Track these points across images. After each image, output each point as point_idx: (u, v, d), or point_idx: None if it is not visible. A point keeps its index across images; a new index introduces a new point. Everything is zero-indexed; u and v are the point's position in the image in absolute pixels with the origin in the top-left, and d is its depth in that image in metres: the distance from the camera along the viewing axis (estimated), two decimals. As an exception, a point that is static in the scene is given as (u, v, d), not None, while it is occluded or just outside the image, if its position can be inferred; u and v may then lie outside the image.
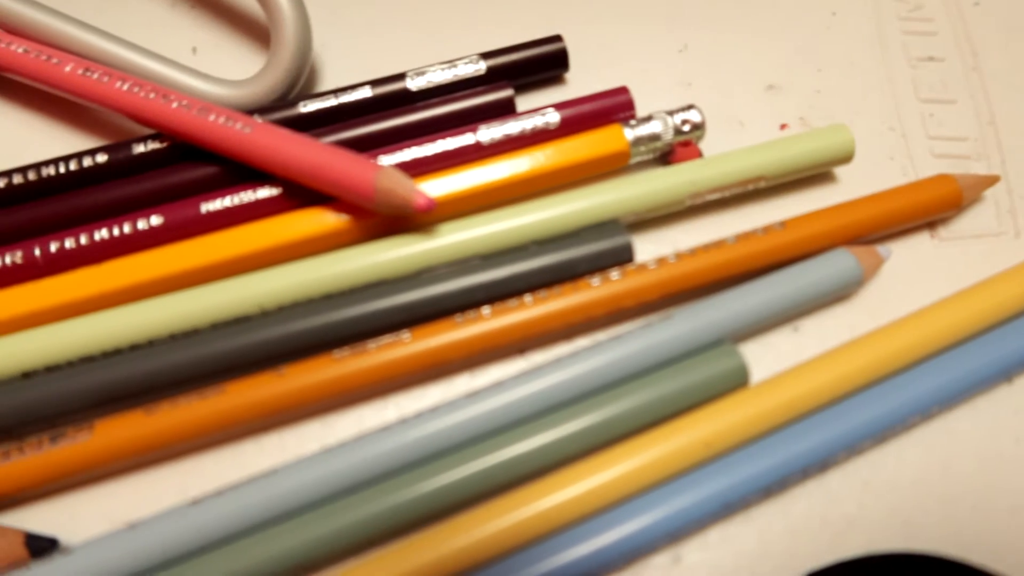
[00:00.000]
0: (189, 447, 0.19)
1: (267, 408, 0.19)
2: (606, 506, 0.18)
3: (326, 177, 0.20)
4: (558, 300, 0.20)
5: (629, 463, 0.18)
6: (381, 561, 0.17)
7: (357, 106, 0.23)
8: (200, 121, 0.20)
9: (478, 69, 0.23)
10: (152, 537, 0.17)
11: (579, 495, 0.18)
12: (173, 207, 0.21)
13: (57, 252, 0.20)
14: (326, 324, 0.20)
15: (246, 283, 0.20)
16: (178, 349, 0.19)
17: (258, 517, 0.18)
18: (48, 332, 0.19)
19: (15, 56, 0.22)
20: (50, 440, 0.18)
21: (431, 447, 0.18)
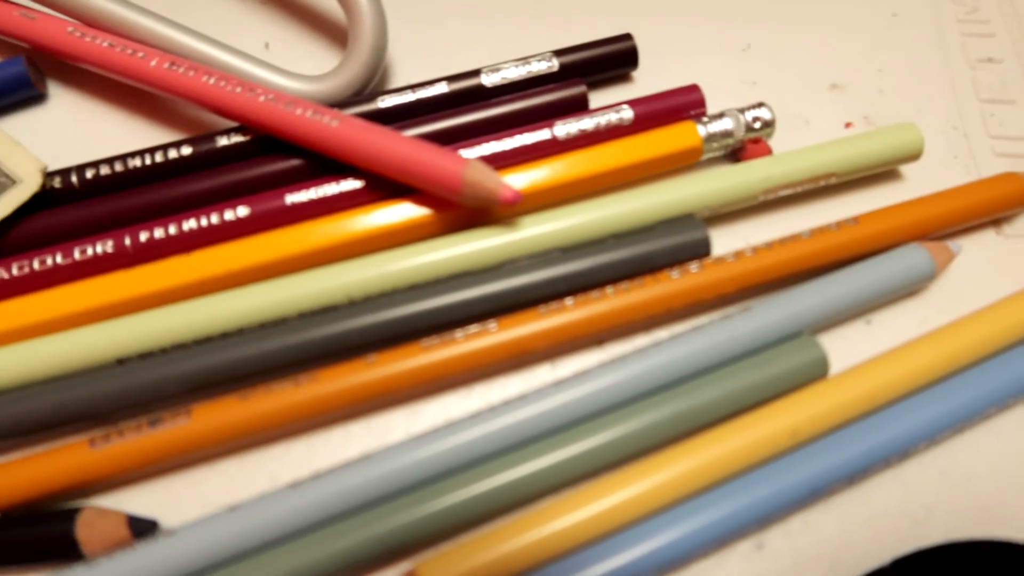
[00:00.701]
0: (281, 433, 0.20)
1: (357, 395, 0.19)
2: (693, 493, 0.18)
3: (413, 170, 0.20)
4: (639, 292, 0.20)
5: (716, 451, 0.18)
6: (475, 544, 0.17)
7: (433, 101, 0.23)
8: (287, 114, 0.21)
9: (551, 66, 0.24)
10: (252, 519, 0.18)
11: (667, 482, 0.18)
12: (258, 198, 0.21)
13: (147, 242, 0.21)
14: (413, 313, 0.20)
15: (334, 273, 0.20)
16: (268, 337, 0.20)
17: (353, 501, 0.18)
18: (141, 320, 0.20)
19: (100, 50, 0.22)
20: (149, 424, 0.19)
21: (517, 435, 0.19)
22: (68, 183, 0.22)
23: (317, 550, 0.17)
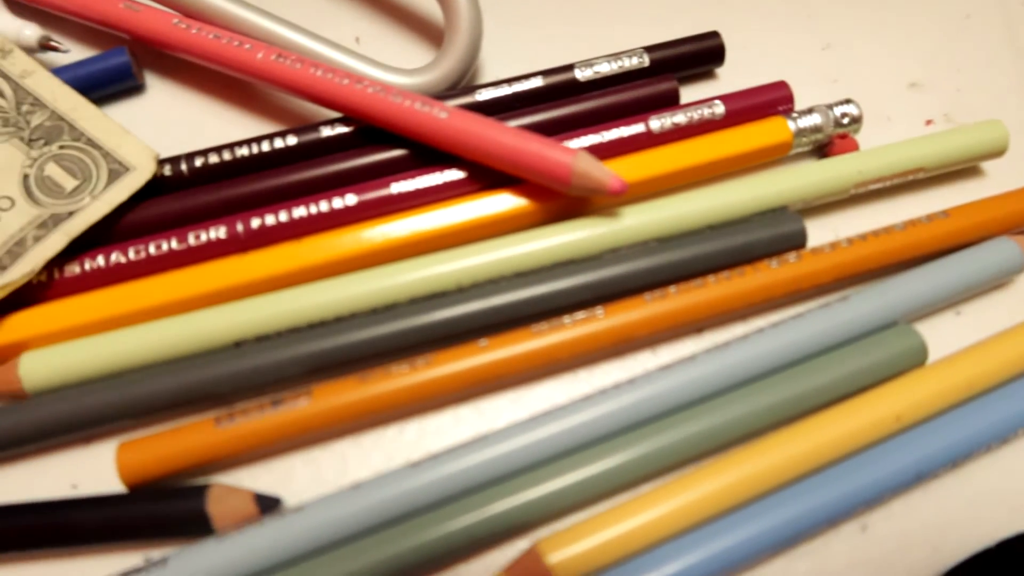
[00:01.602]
0: (396, 414, 0.20)
1: (471, 377, 0.20)
2: (803, 475, 0.19)
3: (523, 161, 0.21)
4: (740, 281, 0.21)
5: (824, 435, 0.19)
6: (592, 523, 0.18)
7: (528, 95, 0.24)
8: (395, 106, 0.21)
9: (641, 62, 0.24)
10: (374, 496, 0.18)
11: (778, 464, 0.19)
12: (365, 187, 0.22)
13: (258, 228, 0.21)
14: (522, 300, 0.20)
15: (443, 260, 0.21)
16: (381, 322, 0.20)
17: (472, 480, 0.19)
18: (256, 304, 0.20)
19: (207, 42, 0.23)
20: (272, 404, 0.19)
21: (624, 419, 0.19)
22: (178, 171, 0.22)
23: (439, 528, 0.18)
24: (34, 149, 0.22)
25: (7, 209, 0.21)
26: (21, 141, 0.22)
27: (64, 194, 0.21)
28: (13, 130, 0.22)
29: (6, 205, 0.21)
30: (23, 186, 0.21)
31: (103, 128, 0.22)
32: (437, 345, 0.20)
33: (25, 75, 0.23)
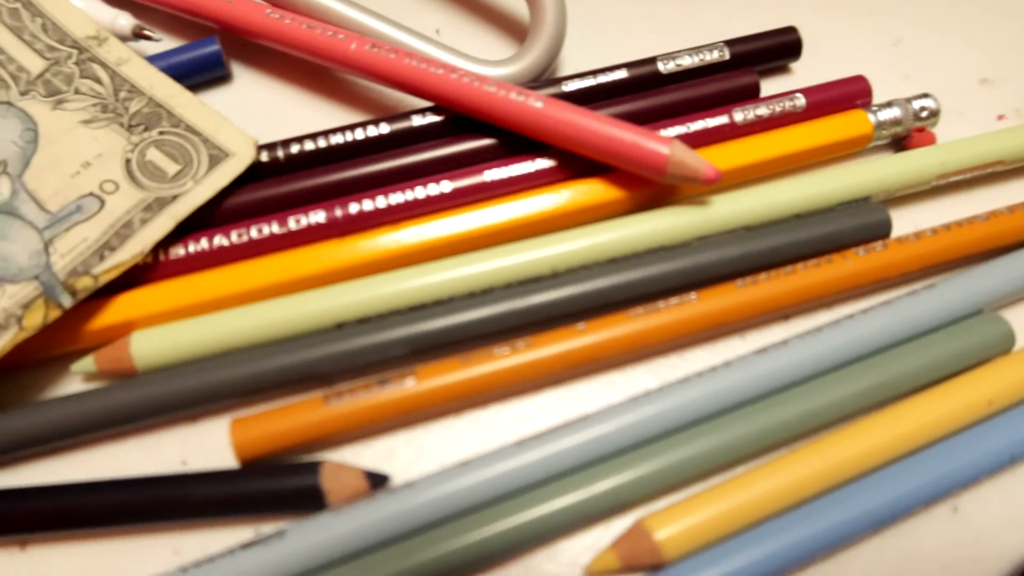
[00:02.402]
0: (497, 395, 0.20)
1: (570, 360, 0.20)
2: (894, 458, 0.19)
3: (619, 150, 0.21)
4: (829, 269, 0.21)
5: (918, 418, 0.19)
6: (697, 499, 0.18)
7: (612, 86, 0.24)
8: (490, 95, 0.22)
9: (722, 55, 0.25)
10: (483, 473, 0.19)
11: (870, 448, 0.19)
12: (459, 174, 0.22)
13: (357, 214, 0.22)
14: (616, 285, 0.21)
15: (538, 246, 0.21)
16: (479, 305, 0.21)
17: (577, 458, 0.19)
18: (357, 287, 0.21)
19: (300, 32, 0.23)
20: (378, 384, 0.20)
21: (719, 403, 0.20)
22: (274, 157, 0.23)
23: (546, 505, 0.18)
24: (134, 135, 0.22)
25: (112, 192, 0.21)
26: (121, 127, 0.22)
27: (167, 178, 0.22)
28: (112, 116, 0.23)
29: (111, 188, 0.21)
30: (126, 170, 0.22)
31: (200, 115, 0.23)
32: (533, 329, 0.21)
33: (121, 63, 0.23)
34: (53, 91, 0.23)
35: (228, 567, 0.18)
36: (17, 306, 0.19)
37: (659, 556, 0.18)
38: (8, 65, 0.23)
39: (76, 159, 0.22)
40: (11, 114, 0.22)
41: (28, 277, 0.20)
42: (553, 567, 0.19)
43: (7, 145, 0.22)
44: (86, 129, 0.22)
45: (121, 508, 0.18)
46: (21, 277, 0.20)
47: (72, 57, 0.23)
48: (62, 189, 0.21)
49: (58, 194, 0.21)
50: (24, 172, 0.22)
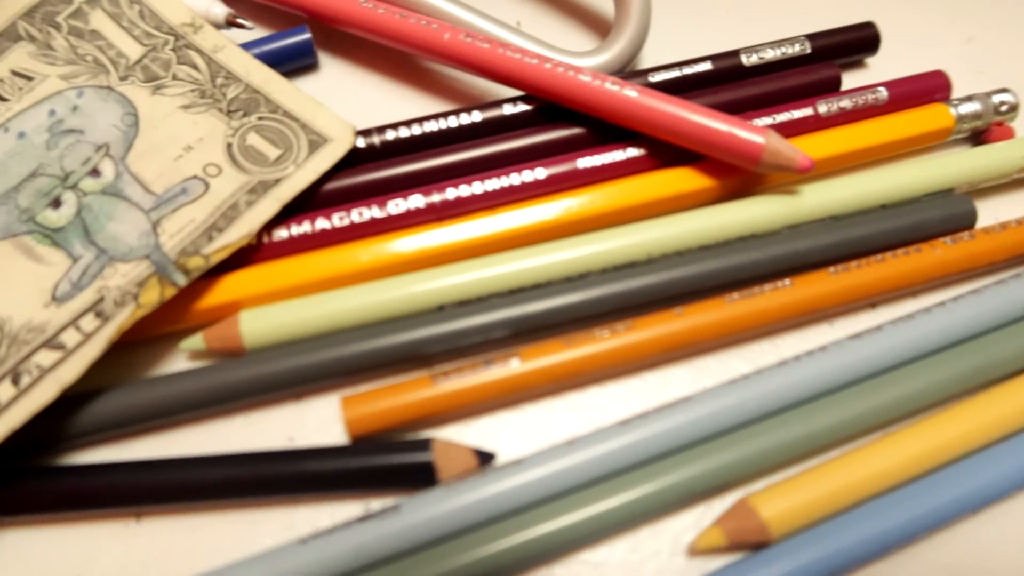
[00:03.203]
0: (598, 376, 0.21)
1: (668, 343, 0.21)
2: (990, 442, 0.20)
3: (713, 139, 0.21)
4: (918, 258, 0.22)
5: (1011, 403, 0.20)
6: (802, 478, 0.19)
7: (696, 78, 0.25)
8: (584, 85, 0.22)
9: (803, 49, 0.25)
10: (590, 452, 0.19)
11: (967, 433, 0.19)
12: (552, 162, 0.23)
13: (454, 199, 0.22)
14: (710, 271, 0.21)
15: (635, 232, 0.22)
16: (575, 289, 0.21)
17: (681, 439, 0.19)
18: (457, 269, 0.21)
19: (395, 22, 0.24)
20: (484, 364, 0.20)
21: (818, 386, 0.20)
22: (370, 143, 0.23)
23: (654, 482, 0.19)
24: (233, 120, 0.23)
25: (215, 176, 0.22)
26: (220, 112, 0.23)
27: (268, 162, 0.22)
28: (211, 101, 0.23)
29: (214, 172, 0.22)
30: (228, 154, 0.22)
31: (297, 101, 0.23)
32: (628, 313, 0.21)
33: (216, 50, 0.24)
34: (151, 77, 0.23)
35: (348, 539, 0.18)
36: (132, 284, 0.20)
37: (766, 534, 0.18)
38: (108, 51, 0.24)
39: (178, 143, 0.22)
40: (111, 99, 0.23)
41: (139, 256, 0.20)
42: (656, 544, 0.19)
43: (109, 129, 0.22)
44: (186, 114, 0.23)
45: (237, 482, 0.19)
46: (131, 256, 0.20)
47: (169, 44, 0.24)
48: (165, 172, 0.22)
49: (162, 176, 0.22)
50: (127, 155, 0.22)
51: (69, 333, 0.19)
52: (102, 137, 0.22)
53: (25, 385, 0.18)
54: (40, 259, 0.21)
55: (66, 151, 0.22)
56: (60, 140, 0.22)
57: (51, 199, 0.21)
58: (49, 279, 0.20)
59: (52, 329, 0.19)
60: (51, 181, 0.22)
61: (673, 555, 0.19)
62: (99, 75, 0.23)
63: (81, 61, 0.23)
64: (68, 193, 0.21)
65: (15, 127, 0.22)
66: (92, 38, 0.24)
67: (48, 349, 0.19)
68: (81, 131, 0.22)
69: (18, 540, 0.19)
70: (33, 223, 0.21)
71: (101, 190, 0.22)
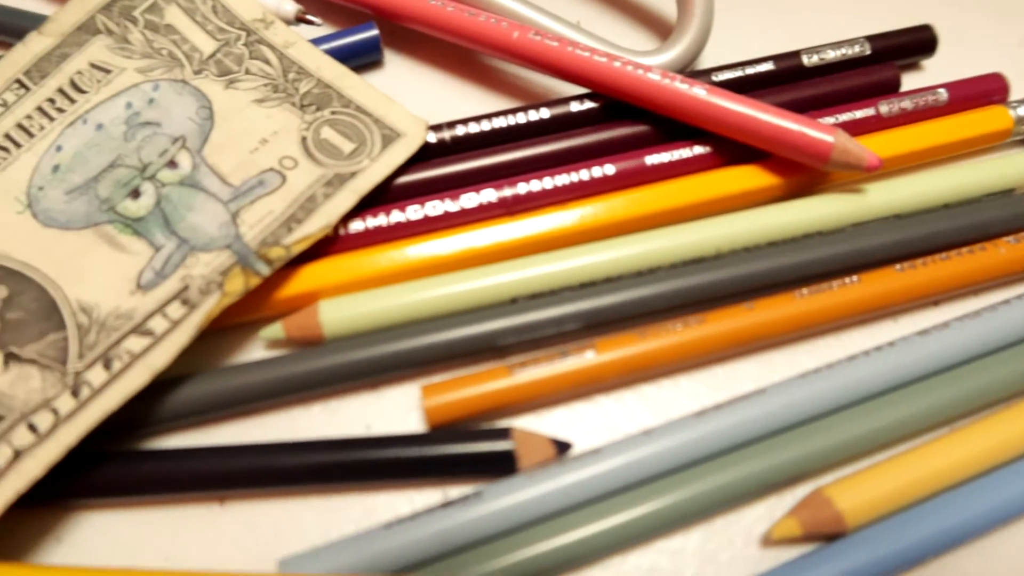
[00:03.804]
0: (667, 370, 0.21)
1: (739, 337, 0.21)
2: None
3: (783, 138, 0.22)
4: (983, 256, 0.22)
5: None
6: (878, 469, 0.19)
7: (757, 78, 0.25)
8: (654, 83, 0.23)
9: (863, 50, 0.25)
10: (666, 442, 0.19)
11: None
12: (621, 158, 0.23)
13: (525, 194, 0.22)
14: (778, 267, 0.22)
15: (704, 228, 0.22)
16: (646, 283, 0.21)
17: (755, 430, 0.20)
18: (529, 263, 0.22)
19: (463, 20, 0.24)
20: (560, 356, 0.20)
21: (888, 380, 0.21)
22: (441, 138, 0.23)
23: (730, 473, 0.19)
24: (307, 114, 0.23)
25: (292, 168, 0.22)
26: (293, 106, 0.23)
27: (343, 156, 0.22)
28: (284, 96, 0.23)
29: (290, 164, 0.22)
30: (303, 147, 0.23)
31: (368, 96, 0.23)
32: (697, 308, 0.22)
33: (288, 45, 0.24)
34: (225, 71, 0.24)
35: (431, 525, 0.18)
36: (215, 273, 0.20)
37: (842, 524, 0.19)
38: (182, 45, 0.24)
39: (253, 136, 0.23)
40: (186, 92, 0.23)
41: (220, 247, 0.21)
42: (730, 534, 0.19)
43: (184, 122, 0.23)
44: (260, 108, 0.23)
45: (320, 468, 0.19)
46: (212, 246, 0.21)
47: (241, 39, 0.24)
48: (242, 164, 0.22)
49: (239, 168, 0.22)
50: (203, 147, 0.23)
51: (156, 320, 0.20)
52: (178, 130, 0.23)
53: (117, 370, 0.19)
54: (122, 248, 0.21)
55: (143, 143, 0.23)
56: (137, 132, 0.23)
57: (130, 190, 0.22)
58: (133, 267, 0.21)
59: (140, 316, 0.20)
60: (130, 172, 0.22)
61: (747, 545, 0.19)
62: (174, 69, 0.24)
63: (157, 55, 0.24)
64: (147, 184, 0.22)
65: (93, 119, 0.23)
66: (167, 32, 0.24)
67: (137, 335, 0.19)
68: (157, 123, 0.23)
69: (108, 522, 0.19)
70: (114, 213, 0.21)
71: (179, 181, 0.22)
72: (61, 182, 0.22)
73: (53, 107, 0.23)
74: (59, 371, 0.19)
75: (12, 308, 0.20)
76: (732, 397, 0.20)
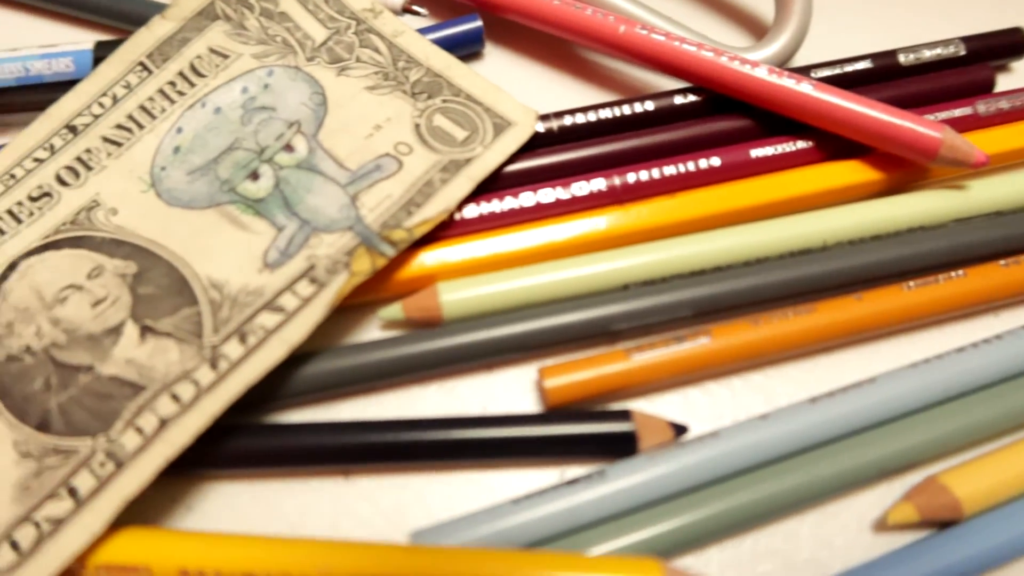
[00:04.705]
0: (777, 358, 0.22)
1: (850, 326, 0.21)
2: None
3: (891, 134, 0.22)
4: (1082, 254, 0.22)
5: None
6: (992, 458, 0.20)
7: (855, 76, 0.25)
8: (761, 79, 0.23)
9: (957, 51, 0.26)
10: (782, 427, 0.20)
11: None
12: (727, 151, 0.23)
13: (634, 183, 0.23)
14: (884, 260, 0.22)
15: (811, 221, 0.22)
16: (755, 273, 0.22)
17: (868, 418, 0.20)
18: (640, 251, 0.22)
19: (569, 13, 0.25)
20: (675, 341, 0.21)
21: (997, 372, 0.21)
22: (549, 128, 0.24)
23: (846, 458, 0.20)
24: (419, 101, 0.24)
25: (407, 154, 0.23)
26: (404, 94, 0.24)
27: (456, 143, 0.23)
28: (394, 84, 0.24)
29: (405, 150, 0.23)
30: (416, 134, 0.23)
31: (478, 86, 0.24)
32: (805, 298, 0.22)
33: (396, 35, 0.25)
34: (336, 58, 0.24)
35: (558, 501, 0.19)
36: (340, 253, 0.21)
37: (959, 511, 0.19)
38: (295, 32, 0.24)
39: (367, 122, 0.23)
40: (299, 78, 0.24)
41: (341, 228, 0.21)
42: (843, 520, 0.20)
43: (298, 107, 0.23)
44: (371, 95, 0.24)
45: (445, 444, 0.20)
46: (334, 228, 0.21)
47: (351, 28, 0.25)
48: (357, 149, 0.23)
49: (354, 153, 0.23)
50: (318, 132, 0.23)
51: (286, 297, 0.20)
52: (292, 115, 0.23)
53: (252, 344, 0.19)
54: (245, 227, 0.22)
55: (259, 127, 0.23)
56: (253, 116, 0.23)
57: (249, 171, 0.22)
58: (258, 246, 0.21)
59: (269, 293, 0.20)
60: (248, 155, 0.23)
61: (860, 530, 0.20)
62: (287, 55, 0.24)
63: (271, 41, 0.24)
64: (265, 166, 0.22)
65: (212, 102, 0.23)
66: (281, 20, 0.25)
67: (269, 311, 0.20)
68: (272, 108, 0.23)
69: (235, 493, 0.20)
70: (235, 193, 0.22)
71: (296, 164, 0.22)
72: (182, 163, 0.23)
73: (174, 90, 0.23)
74: (195, 344, 0.19)
75: (143, 283, 0.21)
76: (839, 387, 0.21)
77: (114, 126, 0.23)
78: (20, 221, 0.22)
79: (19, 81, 0.24)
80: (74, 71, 0.24)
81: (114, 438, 0.18)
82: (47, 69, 0.24)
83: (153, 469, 0.18)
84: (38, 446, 0.18)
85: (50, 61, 0.24)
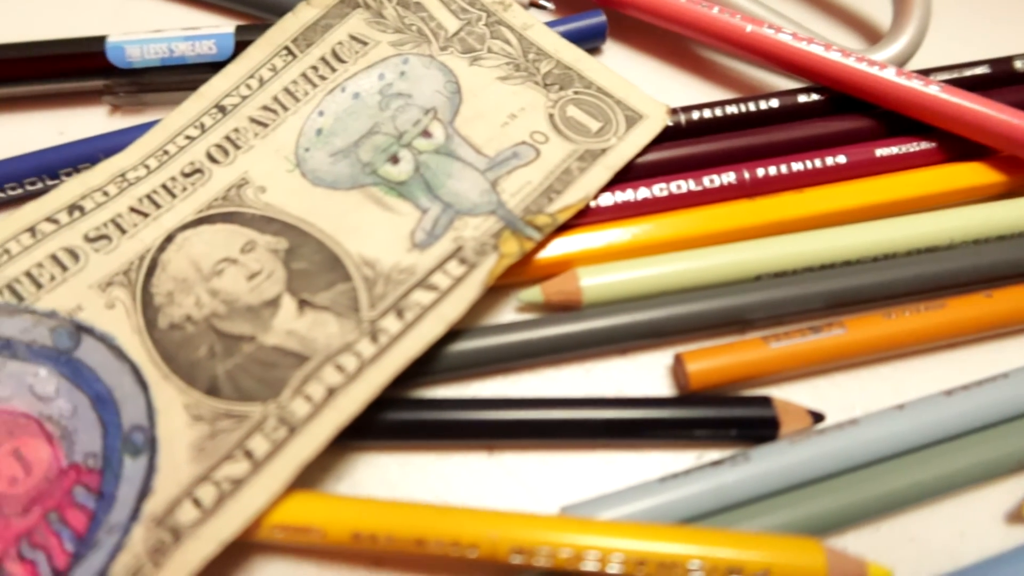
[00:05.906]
0: (910, 350, 0.22)
1: (980, 323, 0.22)
2: None
3: (1016, 136, 0.23)
4: None
5: None
6: None
7: (972, 80, 0.26)
8: (888, 80, 0.24)
9: (1071, 60, 0.26)
10: (919, 418, 0.20)
11: None
12: (852, 149, 0.24)
13: (762, 178, 0.23)
14: (1014, 259, 0.23)
15: (936, 220, 0.23)
16: (886, 268, 0.22)
17: (999, 411, 0.21)
18: (772, 244, 0.22)
19: (693, 12, 0.25)
20: (811, 331, 0.21)
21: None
22: (677, 122, 0.24)
23: (983, 449, 0.20)
24: (551, 92, 0.24)
25: (543, 143, 0.23)
26: (536, 85, 0.24)
27: (591, 133, 0.23)
28: (526, 75, 0.25)
29: (541, 139, 0.23)
30: (551, 123, 0.24)
31: (608, 79, 0.25)
32: (928, 295, 0.22)
33: (526, 27, 0.25)
34: (468, 49, 0.25)
35: (703, 481, 0.19)
36: (486, 236, 0.21)
37: (1096, 504, 0.19)
38: (429, 22, 0.25)
39: (501, 111, 0.24)
40: (434, 67, 0.25)
41: (484, 212, 0.22)
42: (977, 510, 0.20)
43: (433, 95, 0.24)
44: (504, 85, 0.24)
45: (587, 424, 0.20)
46: (477, 212, 0.22)
47: (482, 19, 0.25)
48: (494, 137, 0.23)
49: (491, 141, 0.23)
50: (454, 119, 0.24)
51: (438, 276, 0.21)
52: (428, 102, 0.24)
53: (410, 320, 0.20)
54: (390, 208, 0.22)
55: (396, 112, 0.24)
56: (390, 102, 0.24)
57: (389, 155, 0.23)
58: (404, 227, 0.22)
59: (421, 272, 0.21)
60: (387, 139, 0.23)
61: (994, 522, 0.20)
62: (422, 44, 0.25)
63: (407, 30, 0.25)
64: (404, 151, 0.23)
65: (351, 88, 0.24)
66: (416, 9, 0.25)
67: (422, 289, 0.20)
68: (408, 95, 0.24)
69: (383, 464, 0.20)
70: (377, 176, 0.23)
71: (434, 150, 0.23)
72: (325, 145, 0.23)
73: (316, 74, 0.24)
74: (353, 318, 0.20)
75: (296, 259, 0.21)
76: (967, 381, 0.21)
77: (260, 107, 0.24)
78: (174, 196, 0.22)
79: (163, 62, 0.25)
80: (216, 53, 0.25)
81: (284, 404, 0.19)
82: (190, 51, 0.25)
83: (326, 435, 0.18)
84: (209, 410, 0.19)
85: (193, 43, 0.25)
